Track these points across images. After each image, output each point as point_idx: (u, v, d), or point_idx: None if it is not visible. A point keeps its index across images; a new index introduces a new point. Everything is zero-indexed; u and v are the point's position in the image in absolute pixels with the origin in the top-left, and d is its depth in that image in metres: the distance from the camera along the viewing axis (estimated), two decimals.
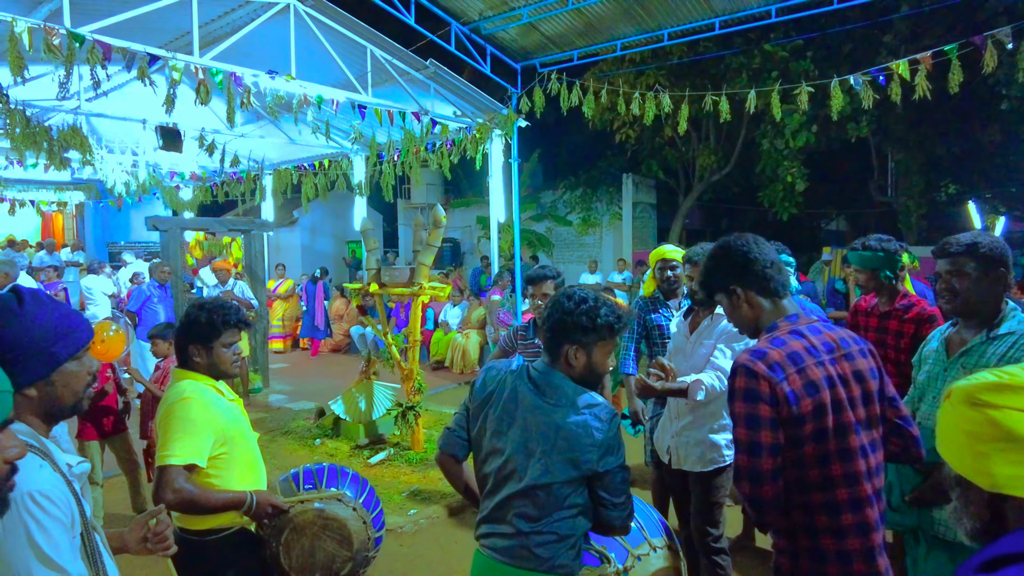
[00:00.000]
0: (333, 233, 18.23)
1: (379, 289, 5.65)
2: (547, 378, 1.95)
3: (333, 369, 10.04)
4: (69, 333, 1.44)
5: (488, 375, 2.07)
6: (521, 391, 1.96)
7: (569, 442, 1.85)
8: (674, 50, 11.98)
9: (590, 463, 1.85)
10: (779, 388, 1.68)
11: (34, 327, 1.37)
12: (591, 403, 1.90)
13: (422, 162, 9.68)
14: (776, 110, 8.03)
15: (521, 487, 1.89)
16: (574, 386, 1.93)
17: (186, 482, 2.08)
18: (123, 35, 5.77)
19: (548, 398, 1.92)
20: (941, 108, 12.18)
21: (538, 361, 2.01)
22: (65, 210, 16.62)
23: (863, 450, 1.74)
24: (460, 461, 2.12)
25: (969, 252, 2.10)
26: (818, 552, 1.73)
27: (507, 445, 1.94)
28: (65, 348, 1.42)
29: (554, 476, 1.86)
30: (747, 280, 1.87)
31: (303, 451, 6.02)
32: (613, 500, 1.90)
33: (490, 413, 1.99)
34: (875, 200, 16.19)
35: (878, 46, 11.69)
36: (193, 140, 8.97)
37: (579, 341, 1.92)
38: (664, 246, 4.05)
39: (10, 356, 1.32)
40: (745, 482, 1.72)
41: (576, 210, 16.66)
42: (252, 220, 9.53)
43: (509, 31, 9.05)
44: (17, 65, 5.11)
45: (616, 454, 1.88)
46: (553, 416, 1.89)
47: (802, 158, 12.86)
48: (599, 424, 1.86)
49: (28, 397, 1.38)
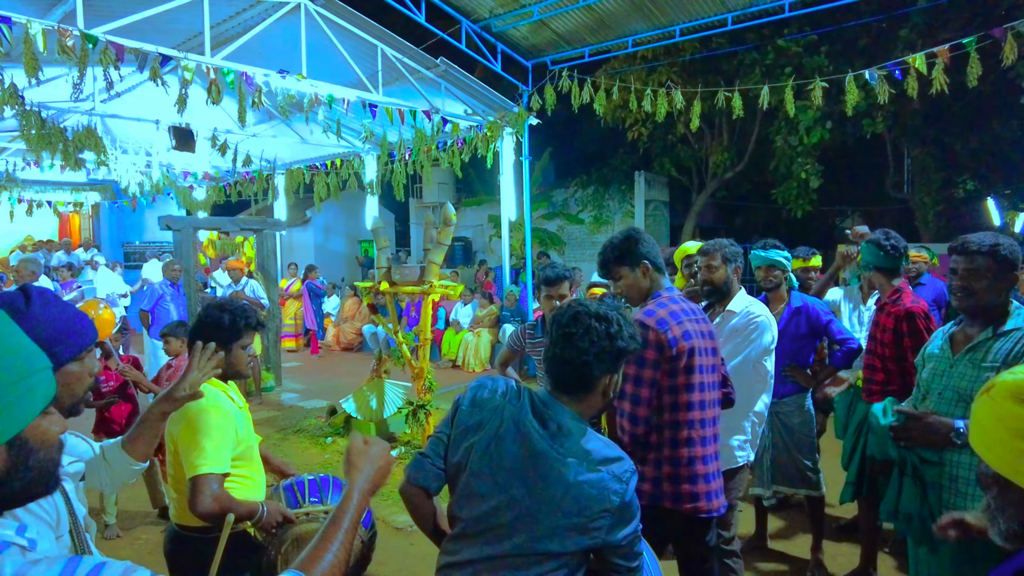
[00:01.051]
0: (346, 232, 18.30)
1: (390, 287, 5.64)
2: (554, 415, 1.60)
3: (345, 368, 10.07)
4: (73, 334, 1.42)
5: (479, 395, 1.69)
6: (524, 428, 1.59)
7: (579, 504, 1.52)
8: (686, 46, 11.88)
9: (600, 532, 1.53)
10: (663, 336, 2.23)
11: (38, 326, 1.34)
12: (608, 457, 1.56)
13: (433, 161, 9.69)
14: (790, 106, 7.94)
15: (505, 549, 1.55)
16: (582, 427, 1.60)
17: (222, 489, 2.08)
18: (136, 36, 5.81)
19: (556, 444, 1.56)
20: (959, 102, 11.99)
21: (542, 390, 1.68)
22: (81, 210, 16.80)
23: (704, 386, 2.32)
24: (432, 495, 1.72)
25: (990, 254, 2.12)
26: (676, 466, 2.28)
27: (494, 492, 1.58)
28: (67, 349, 1.40)
29: (552, 545, 1.53)
30: (651, 258, 2.41)
31: (315, 449, 6.03)
32: (629, 566, 1.61)
33: (476, 445, 1.62)
34: (891, 197, 15.98)
35: (894, 40, 11.52)
36: (206, 140, 9.03)
37: (616, 368, 1.63)
38: (687, 243, 4.08)
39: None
40: (627, 421, 2.26)
41: (588, 208, 16.60)
42: (264, 220, 9.57)
43: (520, 28, 9.02)
44: (32, 66, 5.16)
45: (632, 522, 1.57)
46: (562, 470, 1.53)
47: (816, 155, 12.71)
48: (619, 486, 1.53)
49: None
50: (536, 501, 1.54)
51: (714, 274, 3.01)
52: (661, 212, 16.81)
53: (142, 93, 8.55)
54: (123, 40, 5.63)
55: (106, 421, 4.32)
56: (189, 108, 6.20)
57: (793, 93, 7.85)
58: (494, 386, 1.70)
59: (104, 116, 8.90)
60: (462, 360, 10.10)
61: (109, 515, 4.28)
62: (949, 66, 6.67)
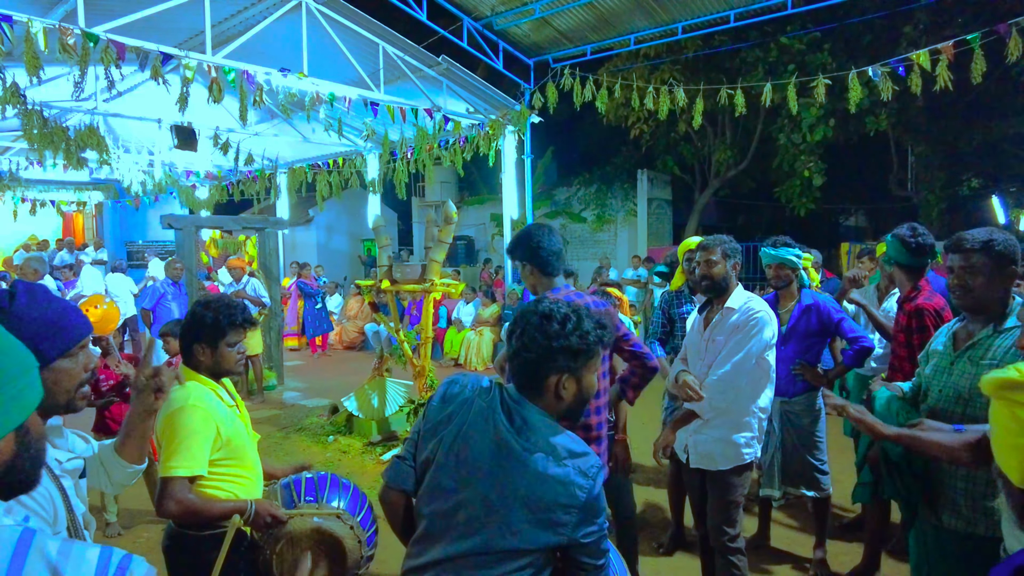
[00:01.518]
0: (348, 231, 18.32)
1: (391, 286, 5.64)
2: (522, 411, 1.57)
3: (346, 366, 10.07)
4: (60, 331, 1.39)
5: (450, 390, 1.67)
6: (493, 422, 1.56)
7: (544, 500, 1.49)
8: (689, 44, 11.85)
9: (566, 528, 1.49)
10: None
11: (21, 324, 1.32)
12: (574, 451, 1.53)
13: (435, 159, 9.68)
14: (793, 104, 7.91)
15: (468, 548, 1.52)
16: (550, 423, 1.57)
17: (189, 493, 2.10)
18: (137, 35, 5.81)
19: (522, 438, 1.53)
20: (963, 99, 11.94)
21: (512, 388, 1.62)
22: (84, 210, 16.85)
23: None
24: (411, 495, 1.70)
25: (984, 250, 2.11)
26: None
27: (458, 487, 1.55)
28: (53, 346, 1.37)
29: (518, 541, 1.49)
30: (534, 259, 2.61)
31: (316, 448, 6.03)
32: (595, 563, 1.56)
33: (444, 438, 1.60)
34: (895, 195, 15.93)
35: (898, 37, 11.47)
36: (208, 139, 9.03)
37: (568, 368, 1.56)
38: (691, 238, 4.01)
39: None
40: None
41: (590, 207, 16.57)
42: (267, 218, 9.58)
43: (521, 26, 9.01)
44: (33, 65, 5.17)
45: (598, 519, 1.53)
46: (527, 464, 1.50)
47: (820, 152, 12.67)
48: (585, 481, 1.50)
49: None
50: (501, 496, 1.51)
51: (713, 269, 2.98)
52: (664, 210, 16.78)
53: (144, 92, 8.55)
54: (124, 39, 5.63)
55: (106, 420, 4.32)
56: (191, 107, 6.20)
57: (796, 90, 7.82)
58: (465, 381, 1.68)
59: (106, 115, 8.91)
60: (464, 359, 10.09)
61: (110, 513, 4.28)
62: (953, 63, 6.63)
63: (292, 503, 2.35)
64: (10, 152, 11.58)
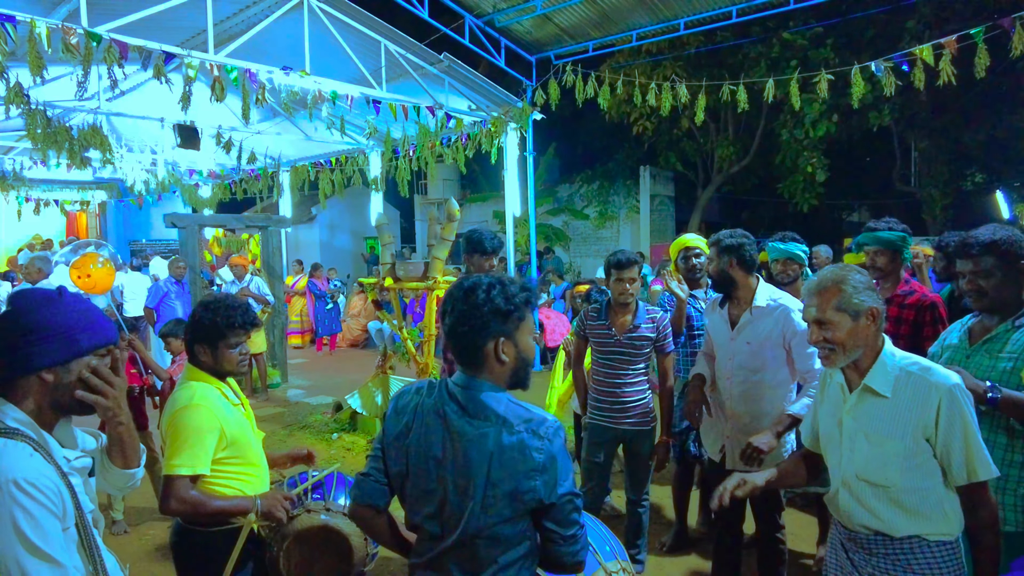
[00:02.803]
0: (351, 229, 18.34)
1: (394, 284, 5.65)
2: (469, 393, 1.59)
3: (350, 364, 10.10)
4: (96, 328, 1.53)
5: (399, 403, 1.68)
6: (443, 415, 1.60)
7: (506, 470, 1.52)
8: (691, 40, 11.83)
9: (533, 493, 1.52)
10: None
11: (67, 315, 1.48)
12: (527, 417, 1.56)
13: (437, 157, 9.68)
14: (795, 99, 7.87)
15: (456, 537, 1.56)
16: (503, 397, 1.60)
17: (192, 491, 2.12)
18: (139, 34, 5.81)
19: (474, 418, 1.56)
20: (967, 94, 11.90)
21: (457, 374, 1.65)
22: (88, 209, 16.88)
23: None
24: (383, 511, 1.72)
25: (990, 251, 2.13)
26: None
27: (436, 486, 1.58)
28: (89, 339, 1.50)
29: (493, 516, 1.53)
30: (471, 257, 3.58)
31: (321, 445, 6.05)
32: (563, 534, 1.58)
33: (411, 447, 1.62)
34: (898, 190, 15.88)
35: (901, 32, 11.42)
36: (210, 138, 9.04)
37: (502, 331, 1.58)
38: (685, 235, 4.01)
39: (39, 336, 1.43)
40: None
41: (593, 203, 16.56)
42: (270, 217, 9.59)
43: (523, 23, 9.00)
44: (37, 65, 5.18)
45: (564, 479, 1.56)
46: (483, 441, 1.54)
47: (822, 148, 12.64)
48: (538, 443, 1.53)
49: (44, 380, 1.44)
50: (468, 480, 1.54)
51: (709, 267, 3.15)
52: (667, 207, 16.76)
53: (146, 91, 8.57)
54: (127, 38, 5.64)
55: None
56: (193, 106, 6.20)
57: (799, 86, 7.79)
58: (410, 389, 1.71)
59: (109, 114, 8.92)
60: None
61: (117, 511, 4.30)
62: (957, 57, 6.59)
63: (298, 501, 2.37)
64: (14, 152, 11.60)
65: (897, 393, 1.80)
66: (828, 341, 1.85)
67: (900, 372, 1.82)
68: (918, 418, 1.77)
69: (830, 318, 1.84)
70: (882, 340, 1.88)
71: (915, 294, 3.08)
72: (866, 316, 1.83)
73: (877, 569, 1.84)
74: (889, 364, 1.84)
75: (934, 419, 1.75)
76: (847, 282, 1.85)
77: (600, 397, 3.48)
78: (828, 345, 1.85)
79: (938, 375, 1.78)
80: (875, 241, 3.13)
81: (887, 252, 3.09)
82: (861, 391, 1.86)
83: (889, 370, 1.83)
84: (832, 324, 1.84)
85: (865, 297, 1.84)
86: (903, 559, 1.81)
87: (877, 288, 3.17)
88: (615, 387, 3.42)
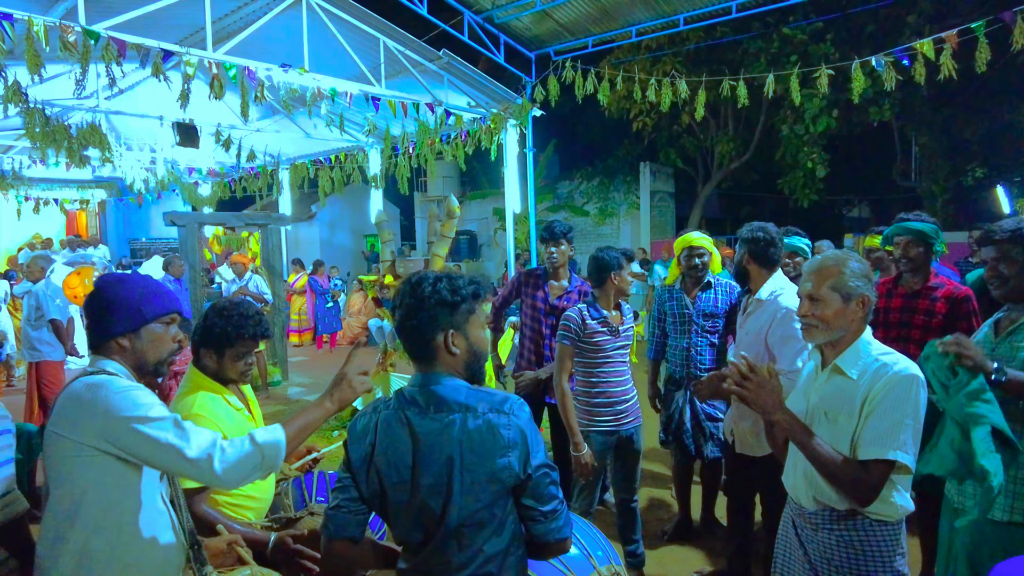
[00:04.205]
0: (351, 227, 18.34)
1: (394, 281, 5.64)
2: (427, 390, 1.58)
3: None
4: (155, 297, 1.79)
5: (358, 426, 1.65)
6: (406, 420, 1.58)
7: (477, 454, 1.51)
8: (690, 35, 11.79)
9: (508, 470, 1.51)
10: None
11: (133, 289, 1.76)
12: (488, 399, 1.57)
13: (437, 154, 9.66)
14: (795, 95, 7.85)
15: (440, 536, 1.55)
16: (461, 386, 1.59)
17: (203, 504, 2.09)
18: (137, 32, 5.80)
19: (437, 412, 1.56)
20: (968, 89, 11.88)
21: (412, 377, 1.67)
22: (88, 208, 16.88)
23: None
24: (359, 540, 1.65)
25: (1014, 239, 2.18)
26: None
27: (412, 498, 1.56)
28: (151, 308, 1.76)
29: (473, 503, 1.52)
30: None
31: (322, 443, 6.03)
32: (542, 509, 1.57)
33: (379, 467, 1.58)
34: (899, 185, 15.87)
35: (901, 26, 11.39)
36: (209, 136, 9.03)
37: (450, 323, 1.58)
38: (691, 233, 3.92)
39: (113, 307, 1.73)
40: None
41: (593, 200, 16.55)
42: (269, 215, 9.58)
43: (522, 19, 8.97)
44: (35, 64, 5.16)
45: (535, 451, 1.55)
46: (449, 430, 1.53)
47: (823, 143, 12.62)
48: (505, 419, 1.54)
49: (121, 346, 1.74)
50: (442, 475, 1.52)
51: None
52: (667, 203, 16.75)
53: (145, 89, 8.55)
54: (125, 36, 5.62)
55: None
56: (192, 103, 6.19)
57: (799, 81, 7.77)
58: (366, 411, 1.68)
59: (108, 113, 8.91)
60: None
61: None
62: (957, 52, 6.58)
63: (303, 501, 2.37)
64: (12, 151, 11.59)
65: (862, 378, 1.86)
66: (816, 317, 1.92)
67: (872, 360, 1.88)
68: (864, 393, 1.84)
69: (823, 295, 1.91)
70: (865, 330, 1.95)
71: (945, 287, 3.07)
72: (857, 301, 1.89)
73: (822, 544, 1.91)
74: (863, 351, 1.90)
75: (877, 393, 1.81)
76: (846, 265, 1.91)
77: (611, 402, 3.35)
78: (814, 321, 1.92)
79: (901, 365, 1.84)
80: (907, 232, 3.13)
81: (920, 243, 3.09)
82: (831, 371, 1.93)
83: (862, 356, 1.89)
84: (824, 301, 1.90)
85: (861, 283, 1.90)
86: (846, 536, 1.86)
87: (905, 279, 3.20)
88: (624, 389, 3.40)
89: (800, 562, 1.97)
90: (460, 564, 1.55)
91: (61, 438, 1.59)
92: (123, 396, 1.60)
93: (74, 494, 1.59)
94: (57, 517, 1.61)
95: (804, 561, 1.95)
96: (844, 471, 1.79)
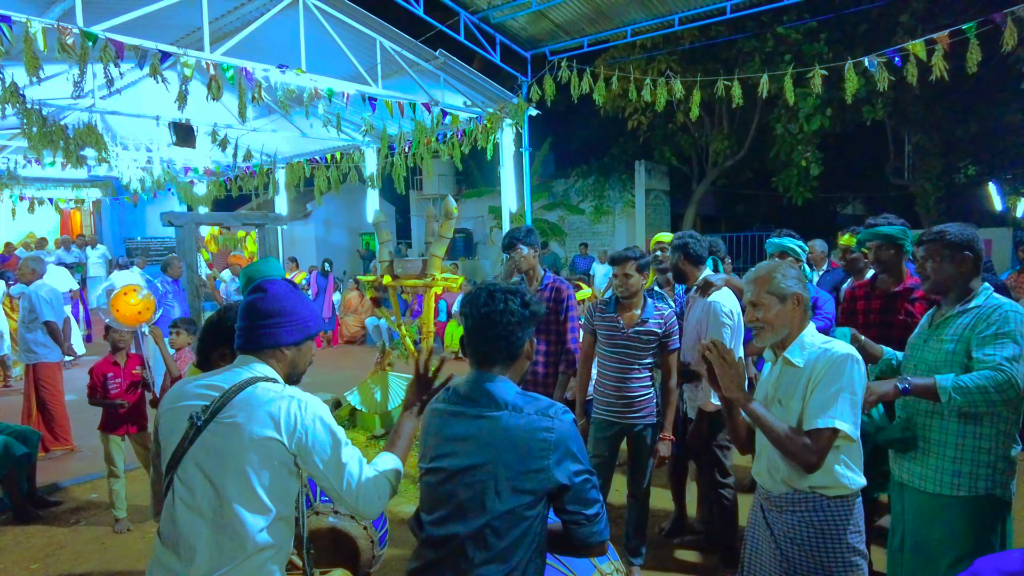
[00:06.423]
0: (347, 226, 18.33)
1: (392, 281, 5.67)
2: (477, 386, 1.66)
3: (349, 360, 10.12)
4: (318, 317, 1.90)
5: (427, 421, 1.79)
6: (458, 412, 1.67)
7: (517, 453, 1.54)
8: (685, 35, 11.84)
9: (546, 473, 1.54)
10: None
11: (305, 304, 1.84)
12: (535, 402, 1.62)
13: (433, 153, 9.69)
14: (790, 94, 7.92)
15: (469, 531, 1.56)
16: (509, 386, 1.65)
17: None
18: (135, 33, 5.82)
19: (485, 411, 1.62)
20: (959, 88, 11.94)
21: (466, 376, 1.73)
22: (83, 207, 16.83)
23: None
24: None
25: (935, 240, 2.39)
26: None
27: (447, 482, 1.62)
28: (315, 326, 1.86)
29: (509, 501, 1.53)
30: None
31: None
32: (587, 513, 1.58)
33: (432, 456, 1.70)
34: (892, 183, 15.96)
35: (894, 26, 11.47)
36: (206, 136, 9.04)
37: (532, 332, 1.74)
38: (661, 234, 4.48)
39: (290, 318, 1.77)
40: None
41: (588, 198, 16.58)
42: (266, 214, 9.60)
43: (518, 19, 9.01)
44: (32, 65, 5.18)
45: (578, 458, 1.59)
46: (492, 427, 1.58)
47: (817, 142, 12.69)
48: (546, 422, 1.57)
49: (284, 355, 1.79)
50: (479, 469, 1.57)
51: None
52: (662, 201, 16.80)
53: (142, 89, 8.55)
54: (122, 37, 5.64)
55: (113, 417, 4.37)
56: (189, 104, 6.21)
57: (793, 81, 7.83)
58: (432, 407, 1.81)
59: (104, 113, 8.91)
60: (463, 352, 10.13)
61: (119, 510, 4.32)
62: (949, 52, 6.65)
63: (308, 502, 2.41)
64: (8, 151, 11.56)
65: (807, 365, 2.04)
66: (759, 320, 2.11)
67: (815, 348, 2.05)
68: (808, 375, 2.02)
69: (762, 300, 2.10)
70: (808, 325, 2.13)
71: (918, 289, 3.13)
72: (791, 300, 2.07)
73: (786, 525, 2.06)
74: (807, 342, 2.08)
75: (818, 372, 2.00)
76: (778, 270, 2.11)
77: (607, 392, 3.52)
78: (759, 324, 2.12)
79: (837, 347, 2.03)
80: (876, 236, 3.23)
81: (891, 246, 3.20)
82: (782, 364, 2.11)
83: (806, 346, 2.07)
84: (763, 305, 2.09)
85: (792, 284, 2.09)
86: (806, 516, 2.01)
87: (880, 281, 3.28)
88: (622, 382, 3.46)
89: (767, 542, 2.11)
90: (483, 560, 1.55)
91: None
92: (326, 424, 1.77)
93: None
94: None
95: (771, 541, 2.09)
96: (792, 440, 1.95)
